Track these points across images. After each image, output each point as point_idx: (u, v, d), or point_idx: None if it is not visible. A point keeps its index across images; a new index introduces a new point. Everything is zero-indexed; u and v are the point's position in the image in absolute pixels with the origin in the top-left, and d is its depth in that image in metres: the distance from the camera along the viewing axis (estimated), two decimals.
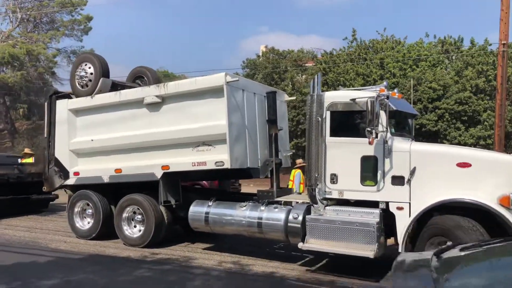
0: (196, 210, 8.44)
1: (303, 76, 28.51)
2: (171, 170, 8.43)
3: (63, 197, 13.90)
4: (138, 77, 10.95)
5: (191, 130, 8.11)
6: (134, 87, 9.97)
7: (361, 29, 45.61)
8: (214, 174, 8.85)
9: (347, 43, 26.16)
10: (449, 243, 6.02)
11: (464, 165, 6.32)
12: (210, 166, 7.95)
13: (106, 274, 7.13)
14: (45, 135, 10.17)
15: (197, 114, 8.11)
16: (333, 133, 7.16)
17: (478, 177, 6.22)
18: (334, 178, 7.13)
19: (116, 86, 9.81)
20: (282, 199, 8.03)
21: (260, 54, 31.71)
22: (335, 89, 22.51)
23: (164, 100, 8.48)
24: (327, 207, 7.21)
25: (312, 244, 7.10)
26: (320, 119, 7.10)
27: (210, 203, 8.35)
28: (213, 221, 8.21)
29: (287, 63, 28.91)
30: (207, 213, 8.27)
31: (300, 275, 7.22)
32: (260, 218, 7.73)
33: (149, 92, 8.61)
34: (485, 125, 20.52)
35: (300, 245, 7.19)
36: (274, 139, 8.28)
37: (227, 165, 7.71)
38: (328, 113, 7.18)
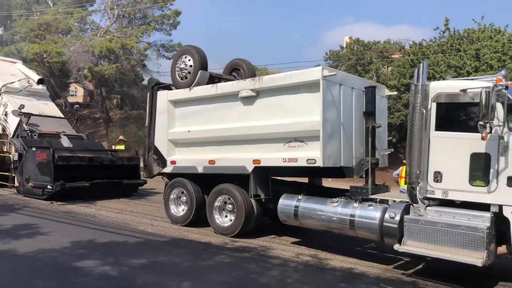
0: (286, 203, 8.26)
1: (389, 68, 27.18)
2: (262, 164, 8.33)
3: (151, 183, 14.67)
4: (234, 69, 11.02)
5: (284, 125, 7.92)
6: (230, 80, 10.05)
7: (456, 18, 42.48)
8: (305, 171, 8.54)
9: (438, 33, 24.51)
10: None
11: None
12: (301, 163, 7.70)
13: (189, 258, 7.34)
14: (146, 124, 10.53)
15: (290, 108, 7.89)
16: (439, 127, 6.56)
17: None
18: (438, 176, 6.53)
19: (213, 79, 9.91)
20: (378, 196, 7.54)
21: (344, 45, 30.78)
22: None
23: (258, 94, 8.39)
24: (428, 208, 6.63)
25: (410, 246, 6.57)
26: (424, 111, 6.52)
27: (299, 197, 8.13)
28: (302, 216, 7.98)
29: (372, 55, 27.64)
30: (296, 207, 8.05)
31: (380, 273, 6.88)
32: (353, 216, 7.33)
33: (244, 86, 8.56)
34: None
35: (396, 246, 6.69)
36: (371, 134, 7.77)
37: (319, 163, 7.40)
38: (434, 104, 6.58)
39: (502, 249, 6.42)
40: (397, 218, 6.83)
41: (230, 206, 9.00)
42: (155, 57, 36.10)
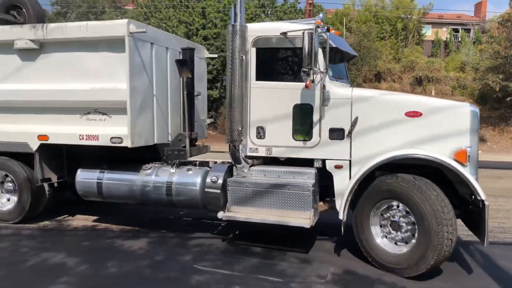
0: (86, 176, 6.63)
1: (114, 20, 27.44)
2: (51, 141, 6.50)
3: None
4: (14, 7, 8.31)
5: (79, 92, 6.17)
6: (8, 21, 7.56)
7: None
8: (109, 151, 6.64)
9: None
10: (401, 206, 5.13)
11: (414, 114, 5.34)
12: (104, 141, 6.17)
13: None
14: None
15: (88, 70, 6.16)
16: (260, 76, 5.77)
17: (430, 128, 5.28)
18: (260, 132, 5.82)
19: None
20: (198, 158, 6.55)
21: None
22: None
23: (42, 47, 6.37)
24: (252, 168, 5.93)
25: (235, 212, 5.82)
26: (243, 57, 5.61)
27: (104, 167, 6.61)
28: (108, 189, 6.50)
29: (105, 4, 27.83)
30: (99, 179, 6.52)
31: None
32: (170, 183, 6.22)
33: (21, 34, 6.38)
34: None
35: (220, 214, 5.86)
36: (188, 98, 6.47)
37: (126, 143, 6.01)
38: (254, 50, 5.73)
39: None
40: (220, 181, 6.00)
41: (10, 184, 7.00)
42: None
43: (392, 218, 5.22)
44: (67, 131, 6.38)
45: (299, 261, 5.58)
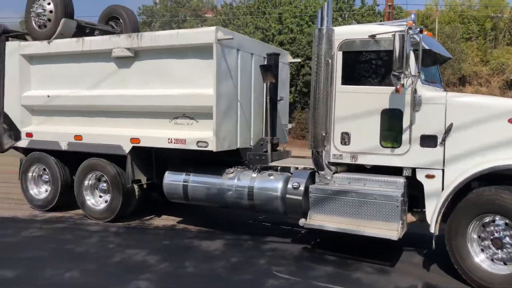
0: (172, 179, 6.87)
1: (202, 27, 28.43)
2: (142, 144, 6.82)
3: None
4: (112, 18, 8.99)
5: (169, 97, 6.45)
6: (107, 31, 8.26)
7: None
8: (194, 154, 6.85)
9: None
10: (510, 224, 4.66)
11: None
12: (191, 145, 6.34)
13: None
14: None
15: (177, 77, 6.43)
16: (346, 80, 5.60)
17: None
18: (345, 138, 5.62)
19: (83, 29, 8.06)
20: (279, 164, 6.51)
21: (157, 1, 31.59)
22: None
23: (137, 54, 6.76)
24: (335, 175, 5.74)
25: (317, 221, 5.67)
26: (330, 61, 5.46)
27: (189, 170, 6.79)
28: (193, 191, 6.68)
29: (186, 12, 28.93)
30: (185, 182, 6.72)
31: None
32: (251, 188, 6.24)
33: (118, 43, 6.81)
34: None
35: (301, 221, 5.75)
36: (271, 103, 6.49)
37: (211, 147, 6.13)
38: (340, 54, 5.57)
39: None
40: (302, 188, 5.90)
41: (104, 184, 7.44)
42: None
43: (495, 234, 4.77)
44: (157, 134, 6.65)
45: (375, 272, 5.34)
